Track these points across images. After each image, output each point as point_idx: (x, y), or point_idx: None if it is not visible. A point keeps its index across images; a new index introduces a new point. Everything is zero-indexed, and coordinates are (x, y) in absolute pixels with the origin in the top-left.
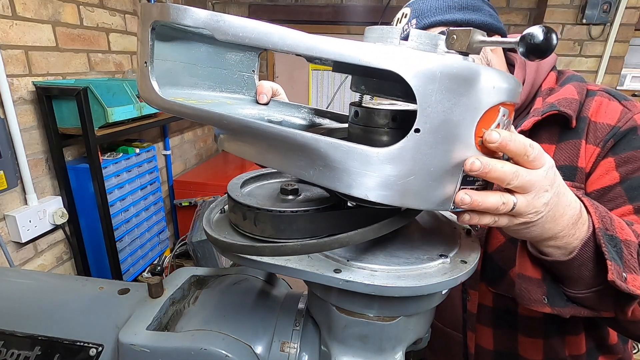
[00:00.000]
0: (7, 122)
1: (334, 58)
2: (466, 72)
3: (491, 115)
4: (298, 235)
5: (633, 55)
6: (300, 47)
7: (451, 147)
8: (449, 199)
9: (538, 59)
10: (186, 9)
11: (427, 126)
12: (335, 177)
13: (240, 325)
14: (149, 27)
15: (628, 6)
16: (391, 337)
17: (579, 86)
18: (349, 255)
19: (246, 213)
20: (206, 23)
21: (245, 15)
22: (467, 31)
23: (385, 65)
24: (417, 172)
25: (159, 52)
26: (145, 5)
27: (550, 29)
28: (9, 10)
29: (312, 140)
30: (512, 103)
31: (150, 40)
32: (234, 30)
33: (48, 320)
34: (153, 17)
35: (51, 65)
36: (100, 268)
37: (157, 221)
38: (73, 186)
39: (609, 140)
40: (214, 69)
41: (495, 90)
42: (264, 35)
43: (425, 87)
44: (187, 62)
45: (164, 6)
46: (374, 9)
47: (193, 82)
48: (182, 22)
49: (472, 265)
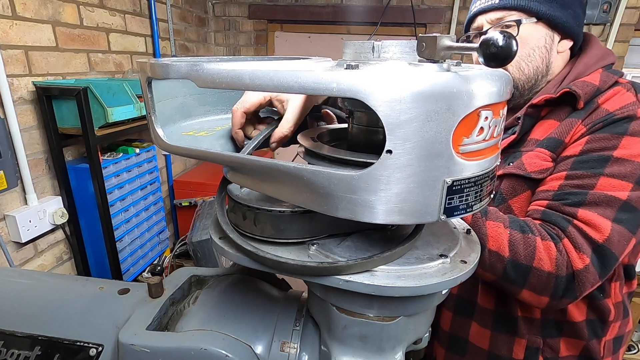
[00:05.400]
0: (7, 122)
1: (300, 92)
2: (432, 87)
3: (469, 122)
4: (297, 235)
5: (633, 55)
6: (269, 86)
7: (429, 162)
8: (436, 211)
9: (498, 66)
10: (168, 66)
11: (400, 147)
12: (322, 202)
13: (240, 325)
14: (145, 82)
15: (628, 6)
16: (391, 337)
17: (607, 76)
18: (349, 255)
19: (246, 213)
20: (188, 74)
21: (245, 15)
22: (433, 38)
23: (346, 92)
24: (399, 191)
25: (167, 91)
26: (140, 64)
27: (510, 35)
28: (9, 10)
29: (296, 170)
30: (498, 102)
31: (149, 93)
32: (211, 77)
33: (48, 320)
34: (147, 74)
35: (51, 65)
36: (100, 268)
37: (157, 221)
38: (73, 186)
39: (599, 123)
40: (222, 93)
41: (470, 98)
42: (236, 79)
43: (392, 109)
44: (196, 93)
45: (152, 65)
46: (374, 9)
47: (205, 110)
48: (168, 76)
49: (472, 265)
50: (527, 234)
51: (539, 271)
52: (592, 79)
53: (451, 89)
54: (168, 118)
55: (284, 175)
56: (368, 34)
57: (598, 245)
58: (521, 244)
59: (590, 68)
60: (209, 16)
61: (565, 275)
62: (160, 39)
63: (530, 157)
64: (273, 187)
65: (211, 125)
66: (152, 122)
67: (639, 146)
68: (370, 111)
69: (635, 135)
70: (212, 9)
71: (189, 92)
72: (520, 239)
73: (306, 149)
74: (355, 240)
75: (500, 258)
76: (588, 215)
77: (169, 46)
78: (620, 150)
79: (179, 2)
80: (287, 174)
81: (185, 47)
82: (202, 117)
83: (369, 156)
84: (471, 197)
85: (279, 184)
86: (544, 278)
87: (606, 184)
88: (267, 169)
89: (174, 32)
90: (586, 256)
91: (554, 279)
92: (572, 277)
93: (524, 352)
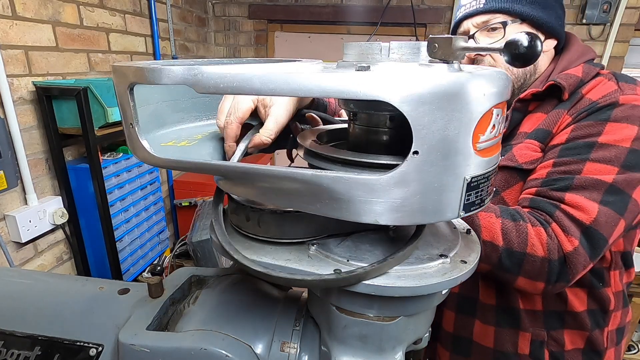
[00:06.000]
0: (7, 122)
1: (320, 95)
2: (454, 87)
3: (486, 120)
4: (298, 235)
5: (633, 55)
6: (284, 90)
7: (452, 160)
8: (456, 208)
9: (523, 66)
10: (161, 70)
11: (425, 147)
12: (342, 208)
13: (240, 325)
14: (127, 89)
15: (628, 6)
16: (391, 337)
17: (589, 68)
18: (349, 255)
19: (250, 214)
20: (184, 79)
21: (245, 15)
22: (448, 39)
23: (373, 96)
24: (422, 191)
25: (140, 98)
26: (119, 68)
27: (534, 36)
28: (9, 10)
29: (315, 177)
30: (505, 101)
31: (131, 102)
32: (213, 81)
33: (48, 320)
34: (129, 80)
35: (51, 65)
36: (100, 268)
37: (157, 221)
38: (73, 186)
39: (583, 112)
40: (196, 98)
41: (486, 97)
42: (244, 82)
43: (417, 110)
44: (169, 100)
45: (139, 69)
46: (374, 9)
47: (179, 117)
48: (159, 82)
49: (472, 265)
50: (519, 221)
51: (532, 257)
52: (575, 71)
53: (472, 88)
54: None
55: (300, 183)
56: (368, 34)
57: (585, 227)
58: (513, 232)
59: (573, 63)
60: (209, 16)
61: (557, 259)
62: (160, 39)
63: (520, 149)
64: (284, 197)
65: (189, 134)
66: (136, 135)
67: (623, 131)
68: (380, 112)
69: (618, 121)
70: (212, 9)
71: (161, 99)
72: (512, 227)
73: (315, 152)
74: (356, 240)
75: (495, 247)
76: (575, 199)
77: (169, 46)
78: (605, 136)
79: (179, 2)
80: (303, 182)
81: (185, 47)
82: (176, 126)
83: (391, 158)
84: (484, 192)
85: (292, 192)
86: (538, 264)
87: (592, 169)
88: (281, 177)
89: (174, 32)
90: (574, 238)
91: (547, 263)
92: (564, 260)
93: (529, 347)
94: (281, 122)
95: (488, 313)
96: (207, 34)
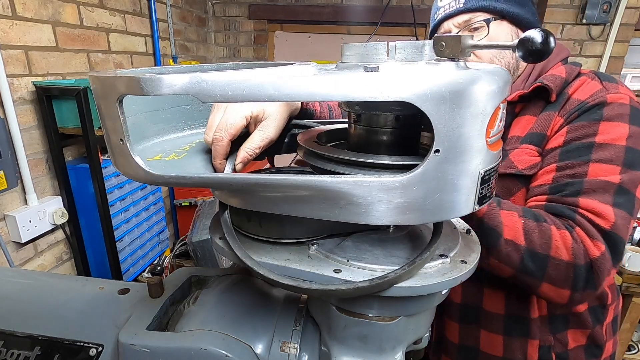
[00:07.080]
0: (7, 122)
1: (340, 99)
2: (470, 84)
3: (496, 115)
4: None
5: (633, 55)
6: (301, 95)
7: (468, 155)
8: (472, 202)
9: (536, 62)
10: (160, 80)
11: (446, 144)
12: (362, 212)
13: (240, 325)
14: (116, 101)
15: (628, 6)
16: (391, 337)
17: (570, 68)
18: (349, 255)
19: (251, 215)
20: (187, 89)
21: (245, 15)
22: (457, 38)
23: (396, 98)
24: (442, 188)
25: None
26: (106, 79)
27: (548, 32)
28: (9, 10)
29: (334, 184)
30: (508, 95)
31: (121, 115)
32: (220, 90)
33: (48, 320)
34: (119, 91)
35: (51, 65)
36: (100, 268)
37: (157, 221)
38: (73, 186)
39: (574, 112)
40: (177, 107)
41: (496, 92)
42: (255, 89)
43: (438, 109)
44: (148, 111)
45: (133, 79)
46: (374, 9)
47: (159, 129)
48: (157, 93)
49: (472, 266)
50: (541, 222)
51: (557, 261)
52: (559, 72)
53: (485, 85)
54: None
55: (317, 191)
56: (368, 34)
57: (606, 232)
58: (536, 232)
59: (550, 62)
60: (209, 16)
61: (584, 264)
62: (160, 39)
63: (517, 155)
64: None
65: (174, 146)
66: (127, 151)
67: (616, 129)
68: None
69: (611, 120)
70: (212, 9)
71: (139, 110)
72: (535, 227)
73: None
74: (355, 240)
75: (517, 247)
76: (590, 204)
77: (169, 46)
78: (601, 135)
79: (179, 2)
80: (321, 189)
81: (185, 47)
82: (157, 138)
83: (409, 158)
84: (492, 185)
85: (308, 200)
86: (563, 268)
87: (597, 170)
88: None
89: (174, 32)
90: (601, 243)
91: (573, 268)
92: (591, 266)
93: (537, 353)
94: (268, 138)
95: (495, 322)
96: (207, 34)
